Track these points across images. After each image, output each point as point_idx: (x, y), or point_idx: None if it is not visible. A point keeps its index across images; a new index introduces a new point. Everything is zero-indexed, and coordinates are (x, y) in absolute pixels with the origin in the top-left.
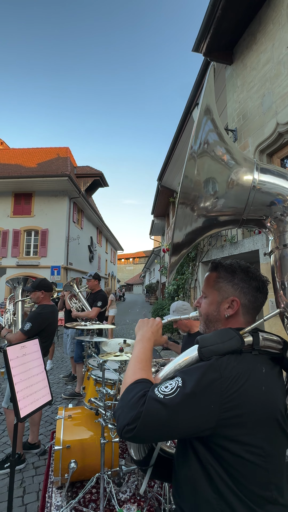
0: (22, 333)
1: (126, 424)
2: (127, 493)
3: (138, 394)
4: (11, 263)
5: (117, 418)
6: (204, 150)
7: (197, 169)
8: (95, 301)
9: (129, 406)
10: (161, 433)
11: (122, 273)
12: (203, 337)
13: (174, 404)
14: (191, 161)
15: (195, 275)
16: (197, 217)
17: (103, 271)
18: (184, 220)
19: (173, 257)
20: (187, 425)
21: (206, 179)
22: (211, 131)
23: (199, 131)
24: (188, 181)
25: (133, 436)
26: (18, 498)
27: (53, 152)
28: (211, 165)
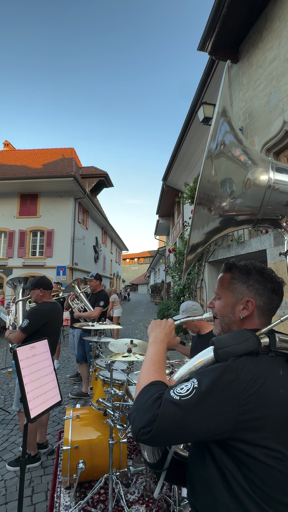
0: (21, 331)
1: (142, 427)
2: (136, 494)
3: (153, 397)
4: (17, 263)
5: (132, 420)
6: (221, 151)
7: (215, 169)
8: (97, 301)
9: (144, 409)
10: (177, 435)
11: (127, 273)
12: (218, 338)
13: (190, 406)
14: (208, 162)
15: (201, 275)
16: (214, 217)
17: (108, 271)
18: (201, 221)
19: (189, 256)
20: (204, 427)
21: (223, 180)
22: (227, 132)
23: (216, 132)
24: (206, 182)
25: (149, 439)
26: (27, 498)
27: (58, 153)
28: (228, 165)
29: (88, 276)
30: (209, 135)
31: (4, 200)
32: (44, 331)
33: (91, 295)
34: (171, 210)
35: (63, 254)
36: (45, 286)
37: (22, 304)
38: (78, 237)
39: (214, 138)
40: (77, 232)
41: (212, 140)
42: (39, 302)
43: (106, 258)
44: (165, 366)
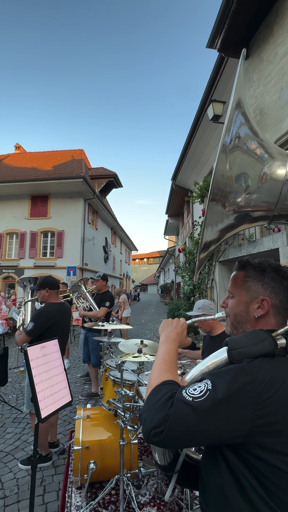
0: (26, 334)
1: (153, 427)
2: (147, 496)
3: (165, 396)
4: (29, 264)
5: (143, 421)
6: (236, 145)
7: (229, 164)
8: (103, 301)
9: (156, 409)
10: (190, 437)
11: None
12: (233, 338)
13: (204, 408)
14: (222, 156)
15: (211, 274)
16: (228, 213)
17: (118, 271)
18: (215, 217)
19: (202, 254)
20: (218, 431)
21: (238, 174)
22: (243, 124)
23: (231, 124)
24: (220, 177)
25: (161, 440)
26: (38, 497)
27: (68, 154)
28: (243, 159)
29: (95, 276)
30: (224, 128)
31: (15, 202)
32: (51, 333)
33: (96, 295)
34: (181, 210)
35: (73, 255)
36: (51, 285)
37: (31, 305)
38: (88, 237)
39: (228, 130)
40: (87, 232)
41: (226, 133)
42: (45, 302)
43: (116, 258)
44: (177, 366)
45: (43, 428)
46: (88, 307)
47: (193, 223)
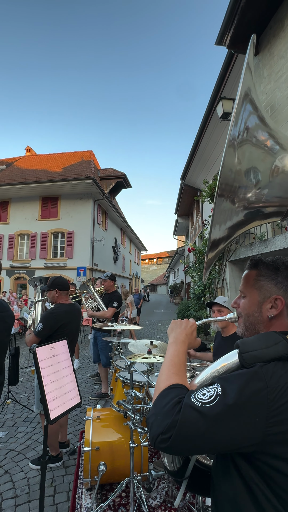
0: (35, 335)
1: (160, 433)
2: (157, 500)
3: (173, 401)
4: (40, 264)
5: (150, 425)
6: (244, 138)
7: (238, 158)
8: (111, 302)
9: (163, 413)
10: (198, 445)
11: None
12: (244, 341)
13: (213, 414)
14: (230, 150)
15: (222, 275)
16: (237, 209)
17: (127, 271)
18: (224, 215)
19: (210, 253)
20: (228, 438)
21: (247, 169)
22: (251, 113)
23: (238, 116)
24: (228, 172)
25: (168, 446)
26: (49, 497)
27: (77, 156)
28: (252, 152)
29: (103, 276)
30: (231, 120)
31: (26, 204)
32: (60, 334)
33: (104, 295)
34: (190, 210)
35: (83, 255)
36: (60, 286)
37: (42, 305)
38: (97, 238)
39: (236, 123)
40: (96, 233)
41: (234, 125)
42: (55, 303)
43: (125, 258)
44: (186, 369)
45: (53, 428)
46: (96, 307)
47: (202, 223)
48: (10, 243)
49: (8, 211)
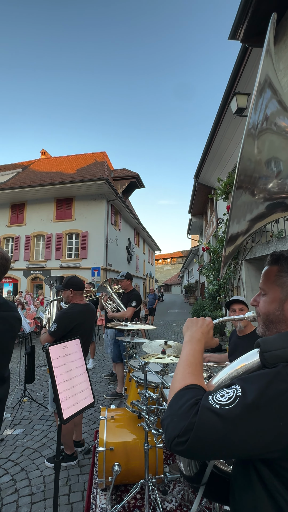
0: (49, 334)
1: (176, 436)
2: (173, 503)
3: (189, 402)
4: (55, 265)
5: (165, 427)
6: (264, 127)
7: (257, 147)
8: (129, 301)
9: (179, 415)
10: (217, 449)
11: (160, 274)
12: (265, 339)
13: (233, 417)
14: (249, 140)
15: (237, 274)
16: (258, 202)
17: (141, 271)
18: (243, 208)
19: (228, 248)
20: (249, 443)
21: (268, 158)
22: (271, 99)
23: (258, 103)
24: (247, 162)
25: (185, 450)
26: (64, 496)
27: (91, 157)
28: (273, 141)
29: (118, 276)
30: (249, 108)
31: (42, 205)
32: (75, 334)
33: (123, 294)
34: (204, 208)
35: (97, 256)
36: (75, 286)
37: (56, 304)
38: (111, 238)
39: (255, 110)
40: (110, 233)
41: (253, 113)
42: (70, 302)
43: (139, 258)
44: (202, 369)
45: (68, 427)
46: (116, 308)
47: (217, 221)
48: (27, 244)
49: (25, 213)
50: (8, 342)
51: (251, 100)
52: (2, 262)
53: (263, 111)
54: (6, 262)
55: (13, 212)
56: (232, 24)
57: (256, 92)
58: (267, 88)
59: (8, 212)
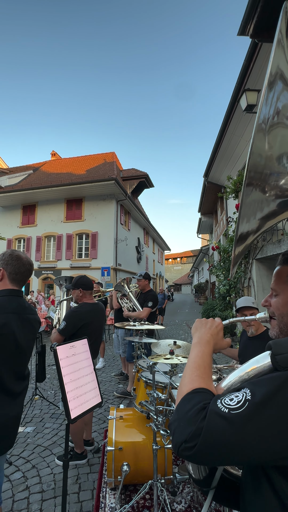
0: (59, 333)
1: (183, 441)
2: (182, 504)
3: (196, 407)
4: (65, 265)
5: (172, 432)
6: (275, 121)
7: (268, 142)
8: (146, 301)
9: (186, 420)
10: (226, 455)
11: (170, 273)
12: (278, 341)
13: (243, 422)
14: (259, 135)
15: (248, 273)
16: (269, 199)
17: (151, 271)
18: (253, 206)
19: (237, 247)
20: (260, 449)
21: (280, 154)
22: (283, 91)
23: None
24: (257, 158)
25: (193, 455)
26: (74, 494)
27: (100, 158)
28: (285, 136)
29: (136, 275)
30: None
31: (52, 206)
32: (83, 333)
33: (140, 294)
34: (214, 207)
35: (107, 256)
36: (84, 286)
37: (66, 304)
38: (120, 238)
39: (265, 104)
40: (119, 233)
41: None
42: (79, 302)
43: (149, 258)
44: (211, 371)
45: (78, 426)
46: (131, 307)
47: (227, 220)
48: (38, 244)
49: (36, 214)
50: (30, 342)
51: (261, 93)
52: (27, 267)
53: (274, 105)
54: (30, 267)
55: (24, 213)
56: (241, 19)
57: (266, 84)
58: (278, 80)
59: (20, 213)
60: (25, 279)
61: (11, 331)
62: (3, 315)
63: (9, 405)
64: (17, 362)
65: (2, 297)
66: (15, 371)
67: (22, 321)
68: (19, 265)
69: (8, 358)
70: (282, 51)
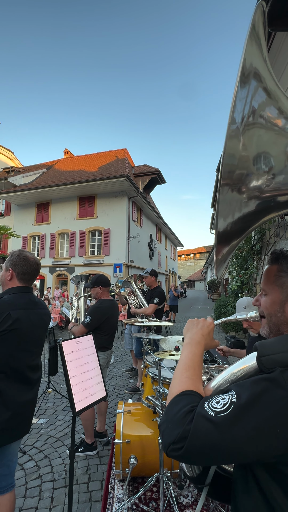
0: (84, 326)
1: (171, 442)
2: (189, 498)
3: (183, 410)
4: (79, 262)
5: (161, 433)
6: (249, 122)
7: (243, 144)
8: (152, 298)
9: (174, 422)
10: (213, 457)
11: (183, 269)
12: (263, 343)
13: (228, 424)
14: (233, 140)
15: (260, 270)
16: (247, 199)
17: (163, 267)
18: (230, 205)
19: (220, 248)
20: (245, 450)
21: (256, 154)
22: (256, 88)
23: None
24: (231, 159)
25: (180, 456)
26: (84, 484)
27: (112, 155)
28: (261, 136)
29: (143, 272)
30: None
31: (65, 204)
32: (105, 327)
33: (147, 291)
34: None
35: (119, 252)
36: (104, 283)
37: (84, 300)
38: (132, 235)
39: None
40: (131, 230)
41: (233, 110)
42: (98, 299)
43: (161, 254)
44: (201, 372)
45: (90, 414)
46: (138, 304)
47: None
48: (52, 242)
49: (49, 212)
50: (41, 335)
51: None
52: (34, 267)
53: (249, 106)
54: (37, 267)
55: (38, 211)
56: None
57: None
58: (252, 79)
59: (34, 211)
60: (33, 278)
61: (23, 325)
62: (15, 311)
63: (26, 394)
64: (31, 353)
65: (12, 294)
66: (30, 362)
67: (33, 315)
68: (26, 265)
69: (23, 350)
70: (256, 46)
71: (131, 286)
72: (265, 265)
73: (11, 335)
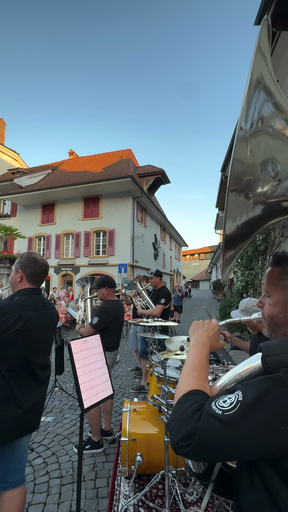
0: (91, 327)
1: (179, 440)
2: (194, 495)
3: (191, 408)
4: (84, 262)
5: (170, 431)
6: (258, 129)
7: (251, 150)
8: (158, 298)
9: (182, 420)
10: (220, 453)
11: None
12: (267, 344)
13: (234, 423)
14: (242, 144)
15: (265, 270)
16: (253, 204)
17: (168, 267)
18: (238, 209)
19: (227, 251)
20: (251, 447)
21: (263, 161)
22: (266, 101)
23: (250, 107)
24: (239, 165)
25: (189, 453)
26: (90, 481)
27: (116, 155)
28: (269, 143)
29: (148, 273)
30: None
31: (70, 205)
32: (111, 327)
33: (153, 292)
34: None
35: (124, 252)
36: (109, 284)
37: (90, 302)
38: (137, 235)
39: (246, 114)
40: (136, 230)
41: (244, 117)
42: (104, 299)
43: (166, 254)
44: (207, 372)
45: (96, 412)
46: (145, 305)
47: None
48: (57, 242)
49: (55, 213)
50: (51, 335)
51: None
52: (43, 268)
53: (258, 114)
54: (46, 268)
55: (44, 212)
56: (258, 9)
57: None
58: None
59: (40, 212)
60: (42, 279)
61: (34, 326)
62: (26, 312)
63: (36, 391)
64: (41, 352)
65: (23, 295)
66: (40, 361)
67: (42, 316)
68: (35, 267)
69: (33, 350)
70: (263, 61)
71: (136, 288)
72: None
73: (22, 336)
